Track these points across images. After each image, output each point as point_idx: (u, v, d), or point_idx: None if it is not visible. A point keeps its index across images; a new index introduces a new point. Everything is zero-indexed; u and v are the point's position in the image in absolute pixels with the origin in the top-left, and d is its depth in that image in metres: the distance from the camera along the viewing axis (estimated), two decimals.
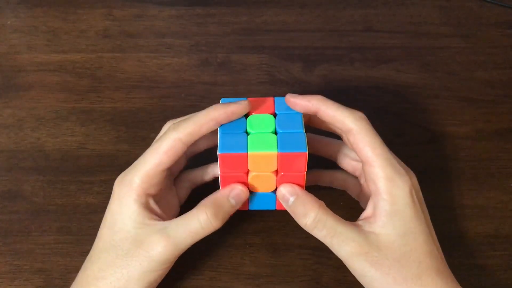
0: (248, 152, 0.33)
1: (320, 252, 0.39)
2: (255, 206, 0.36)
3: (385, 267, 0.32)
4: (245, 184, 0.35)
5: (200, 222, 0.33)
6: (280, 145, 0.33)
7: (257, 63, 0.51)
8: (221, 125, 0.34)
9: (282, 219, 0.41)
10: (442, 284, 0.32)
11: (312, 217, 0.33)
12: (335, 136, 0.38)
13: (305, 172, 0.34)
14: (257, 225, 0.41)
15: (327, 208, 0.34)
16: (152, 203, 0.35)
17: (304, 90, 0.48)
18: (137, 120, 0.47)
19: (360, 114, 0.34)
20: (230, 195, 0.34)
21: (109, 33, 0.54)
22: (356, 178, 0.39)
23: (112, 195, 0.35)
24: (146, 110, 0.48)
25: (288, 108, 0.35)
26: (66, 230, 0.41)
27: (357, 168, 0.39)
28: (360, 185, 0.39)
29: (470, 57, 0.52)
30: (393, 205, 0.33)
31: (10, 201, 0.42)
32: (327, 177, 0.41)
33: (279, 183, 0.34)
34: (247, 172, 0.34)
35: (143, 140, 0.45)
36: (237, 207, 0.35)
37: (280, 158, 0.33)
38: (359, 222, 0.34)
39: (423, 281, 0.32)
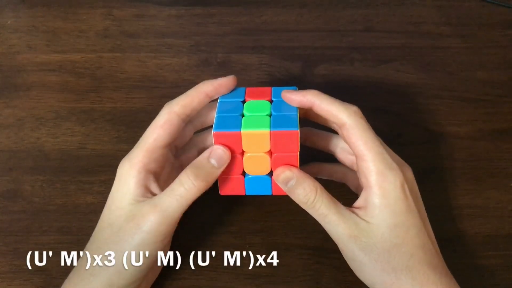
0: (242, 131, 0.33)
1: (320, 252, 0.39)
2: (251, 191, 0.37)
3: (374, 254, 0.33)
4: (240, 166, 0.35)
5: (182, 184, 0.33)
6: (273, 124, 0.34)
7: (257, 63, 0.51)
8: (218, 109, 0.35)
9: (282, 219, 0.41)
10: (434, 278, 0.32)
11: (311, 199, 0.34)
12: (333, 130, 0.38)
13: (298, 153, 0.34)
14: (257, 225, 0.41)
15: (324, 190, 0.34)
16: (151, 181, 0.35)
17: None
18: (137, 120, 0.47)
19: (354, 109, 0.35)
20: (210, 156, 0.34)
21: (109, 33, 0.54)
22: (355, 171, 0.40)
23: (116, 176, 0.35)
24: (146, 110, 0.48)
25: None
26: (66, 230, 0.41)
27: (355, 162, 0.39)
28: (358, 178, 0.39)
29: (470, 57, 0.52)
30: (383, 199, 0.33)
31: (10, 201, 0.42)
32: (327, 170, 0.41)
33: (273, 165, 0.35)
34: (242, 154, 0.35)
35: None
36: (221, 169, 0.34)
37: (273, 137, 0.33)
38: (352, 209, 0.35)
39: (414, 273, 0.32)
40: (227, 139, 0.34)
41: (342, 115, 0.34)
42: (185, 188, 0.33)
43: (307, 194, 0.34)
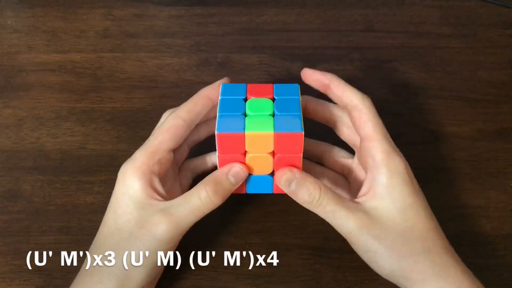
0: (245, 132, 0.33)
1: (320, 252, 0.39)
2: (252, 189, 0.36)
3: (388, 241, 0.32)
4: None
5: (200, 198, 0.33)
6: (277, 126, 0.33)
7: (257, 63, 0.51)
8: (220, 108, 0.35)
9: (282, 219, 0.41)
10: (452, 261, 0.33)
11: (316, 198, 0.33)
12: (324, 135, 0.39)
13: (302, 154, 0.34)
14: (257, 225, 0.41)
15: (328, 187, 0.34)
16: (156, 182, 0.35)
17: (304, 90, 0.48)
18: (137, 120, 0.47)
19: (367, 96, 0.36)
20: (229, 173, 0.34)
21: (109, 33, 0.54)
22: (345, 178, 0.40)
23: (117, 179, 0.35)
24: (146, 110, 0.48)
25: (287, 93, 0.36)
26: (66, 230, 0.41)
27: (345, 167, 0.39)
28: (349, 183, 0.40)
29: (470, 57, 0.52)
30: (390, 179, 0.33)
31: (10, 201, 0.42)
32: (316, 172, 0.41)
33: (276, 165, 0.35)
34: (245, 154, 0.34)
35: (143, 140, 0.45)
36: (237, 186, 0.35)
37: (276, 139, 0.33)
38: (358, 200, 0.35)
39: (432, 256, 0.32)
40: (231, 140, 0.33)
41: (356, 98, 0.36)
42: (202, 202, 0.33)
43: (311, 193, 0.33)
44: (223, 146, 0.34)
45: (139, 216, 0.33)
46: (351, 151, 0.40)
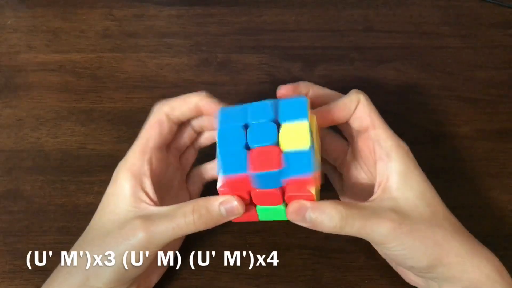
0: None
1: (320, 252, 0.39)
2: (265, 217, 0.34)
3: (421, 231, 0.32)
4: (248, 199, 0.32)
5: (184, 216, 0.32)
6: (286, 170, 0.30)
7: (257, 63, 0.51)
8: (219, 143, 0.32)
9: None
10: (473, 238, 0.33)
11: (339, 218, 0.31)
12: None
13: (314, 189, 0.31)
14: (257, 225, 0.41)
15: (346, 202, 0.32)
16: (147, 185, 0.34)
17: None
18: (137, 120, 0.47)
19: (357, 89, 0.36)
20: (222, 205, 0.32)
21: (109, 33, 0.54)
22: (339, 173, 0.39)
23: (111, 178, 0.35)
24: (146, 110, 0.47)
25: (293, 115, 0.31)
26: (66, 230, 0.41)
27: (341, 156, 0.38)
28: (340, 175, 0.39)
29: (470, 57, 0.52)
30: (403, 164, 0.33)
31: (10, 201, 0.42)
32: None
33: (288, 200, 0.32)
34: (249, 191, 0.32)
35: None
36: (228, 219, 0.33)
37: (288, 182, 0.31)
38: (376, 195, 0.33)
39: (461, 236, 0.33)
40: (236, 181, 0.31)
41: (356, 93, 0.36)
42: (185, 223, 0.32)
43: (333, 217, 0.31)
44: (228, 185, 0.31)
45: (123, 217, 0.33)
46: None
